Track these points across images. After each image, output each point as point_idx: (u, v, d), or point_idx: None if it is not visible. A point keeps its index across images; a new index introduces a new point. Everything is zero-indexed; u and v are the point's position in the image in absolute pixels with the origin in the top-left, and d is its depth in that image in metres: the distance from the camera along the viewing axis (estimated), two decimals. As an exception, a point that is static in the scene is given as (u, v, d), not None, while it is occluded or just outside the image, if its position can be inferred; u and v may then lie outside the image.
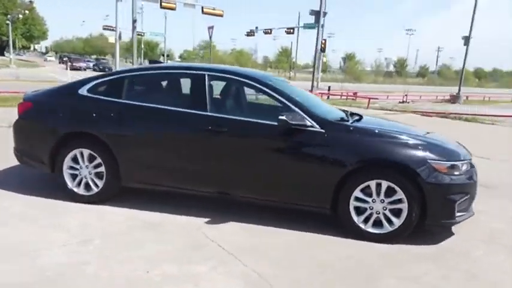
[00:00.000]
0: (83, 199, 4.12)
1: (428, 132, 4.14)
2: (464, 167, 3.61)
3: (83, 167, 4.10)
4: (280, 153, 3.74)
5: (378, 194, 3.52)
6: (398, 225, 3.52)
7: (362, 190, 3.55)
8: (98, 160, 4.04)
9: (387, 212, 3.54)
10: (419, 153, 3.50)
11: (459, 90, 27.37)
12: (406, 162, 3.45)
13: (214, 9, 30.05)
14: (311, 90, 20.24)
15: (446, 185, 3.46)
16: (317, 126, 3.64)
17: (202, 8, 29.14)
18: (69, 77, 23.78)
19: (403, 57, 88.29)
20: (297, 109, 3.71)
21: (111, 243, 3.32)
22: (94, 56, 79.82)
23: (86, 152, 4.06)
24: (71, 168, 4.13)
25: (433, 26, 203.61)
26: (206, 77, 3.96)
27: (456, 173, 3.52)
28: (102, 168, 4.05)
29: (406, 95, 22.66)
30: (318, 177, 3.63)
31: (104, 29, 40.89)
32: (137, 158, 4.00)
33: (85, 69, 45.20)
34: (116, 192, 4.15)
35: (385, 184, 3.49)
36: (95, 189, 4.10)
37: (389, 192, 3.50)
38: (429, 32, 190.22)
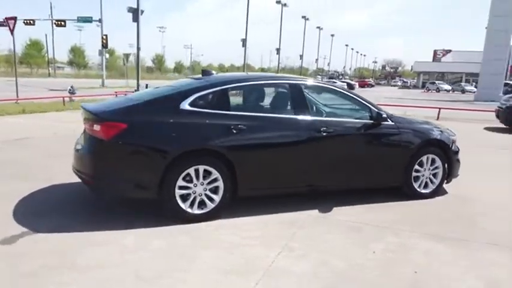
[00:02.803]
0: (199, 218, 3.93)
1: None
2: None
3: (197, 185, 3.90)
4: (370, 144, 4.70)
5: (427, 164, 4.97)
6: (437, 184, 5.07)
7: (418, 164, 4.92)
8: (215, 175, 3.94)
9: (431, 176, 5.04)
10: (446, 134, 5.16)
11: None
12: (444, 140, 5.03)
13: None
14: (137, 89, 19.60)
15: (457, 152, 5.23)
16: (389, 120, 4.76)
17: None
18: None
19: (160, 54, 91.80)
20: (374, 108, 4.72)
21: (312, 247, 3.52)
22: None
23: (202, 168, 3.89)
24: (182, 188, 3.86)
25: (179, 24, 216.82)
26: (303, 87, 4.45)
27: (456, 143, 5.34)
28: (218, 183, 3.96)
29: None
30: (395, 159, 4.79)
31: None
32: (256, 166, 4.12)
33: None
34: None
35: (430, 157, 4.97)
36: (211, 205, 3.98)
37: (432, 162, 5.00)
38: (177, 30, 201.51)
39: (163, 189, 3.78)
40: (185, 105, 3.92)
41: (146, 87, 21.28)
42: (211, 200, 3.98)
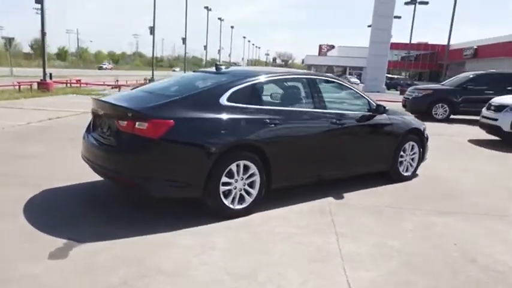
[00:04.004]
0: (239, 213, 3.95)
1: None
2: None
3: (238, 180, 3.90)
4: (371, 134, 5.15)
5: (408, 150, 5.62)
6: (415, 166, 5.77)
7: (402, 150, 5.54)
8: (252, 169, 3.97)
9: (410, 160, 5.71)
10: (420, 123, 5.87)
11: (152, 74, 30.44)
12: (420, 128, 5.73)
13: None
14: (44, 80, 17.48)
15: (428, 138, 5.99)
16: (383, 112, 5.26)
17: None
18: None
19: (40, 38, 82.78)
20: (372, 101, 5.17)
21: (359, 231, 3.82)
22: None
23: (242, 163, 3.89)
24: (225, 184, 3.83)
25: (61, 6, 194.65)
26: (317, 81, 4.67)
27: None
28: (255, 177, 4.00)
29: (117, 80, 23.50)
30: (387, 147, 5.32)
31: None
32: (286, 159, 4.23)
33: None
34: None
35: (411, 143, 5.63)
36: (249, 200, 4.01)
37: (412, 148, 5.67)
38: (59, 12, 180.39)
39: (208, 187, 3.70)
40: (224, 100, 3.86)
41: (50, 77, 19.28)
42: (249, 194, 4.00)
